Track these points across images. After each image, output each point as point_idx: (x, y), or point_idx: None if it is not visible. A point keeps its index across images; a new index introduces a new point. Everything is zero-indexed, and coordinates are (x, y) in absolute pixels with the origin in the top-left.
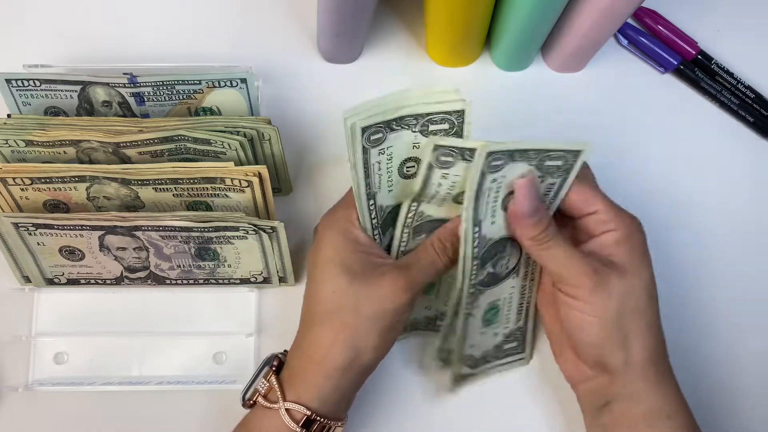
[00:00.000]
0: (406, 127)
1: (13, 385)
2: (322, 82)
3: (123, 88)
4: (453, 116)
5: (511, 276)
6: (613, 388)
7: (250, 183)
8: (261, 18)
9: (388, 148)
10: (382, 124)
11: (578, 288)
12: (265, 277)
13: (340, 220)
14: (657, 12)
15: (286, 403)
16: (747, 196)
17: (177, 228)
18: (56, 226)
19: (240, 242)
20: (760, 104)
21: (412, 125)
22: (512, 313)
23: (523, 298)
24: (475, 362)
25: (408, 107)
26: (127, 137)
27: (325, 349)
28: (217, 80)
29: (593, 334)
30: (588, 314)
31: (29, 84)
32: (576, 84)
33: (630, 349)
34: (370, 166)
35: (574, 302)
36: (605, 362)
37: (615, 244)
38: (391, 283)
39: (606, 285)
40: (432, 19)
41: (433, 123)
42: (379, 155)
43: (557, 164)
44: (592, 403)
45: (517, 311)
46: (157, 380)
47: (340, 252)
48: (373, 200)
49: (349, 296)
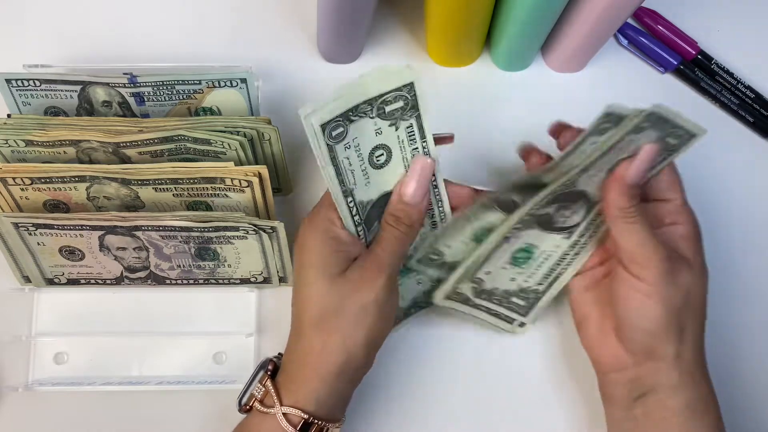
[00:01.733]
0: (363, 115)
1: (13, 385)
2: (322, 82)
3: (123, 88)
4: (404, 91)
5: (562, 234)
6: (655, 378)
7: (250, 183)
8: (261, 18)
9: (354, 140)
10: (340, 117)
11: (649, 270)
12: (265, 277)
13: (320, 221)
14: (657, 12)
15: (283, 408)
16: (747, 196)
17: (177, 228)
18: (56, 226)
19: (240, 242)
20: (760, 104)
21: (368, 111)
22: (541, 271)
23: (558, 264)
24: (480, 291)
25: (361, 94)
26: (127, 137)
27: (317, 354)
28: (217, 80)
29: (653, 320)
30: (652, 299)
31: (29, 84)
32: (576, 84)
33: (684, 342)
34: (339, 162)
35: (640, 284)
36: (656, 351)
37: (683, 239)
38: (362, 271)
39: (677, 274)
40: (432, 19)
41: (387, 104)
42: (345, 150)
43: (674, 143)
44: (625, 393)
45: (546, 273)
46: (157, 380)
47: (321, 254)
48: (351, 197)
49: (332, 298)
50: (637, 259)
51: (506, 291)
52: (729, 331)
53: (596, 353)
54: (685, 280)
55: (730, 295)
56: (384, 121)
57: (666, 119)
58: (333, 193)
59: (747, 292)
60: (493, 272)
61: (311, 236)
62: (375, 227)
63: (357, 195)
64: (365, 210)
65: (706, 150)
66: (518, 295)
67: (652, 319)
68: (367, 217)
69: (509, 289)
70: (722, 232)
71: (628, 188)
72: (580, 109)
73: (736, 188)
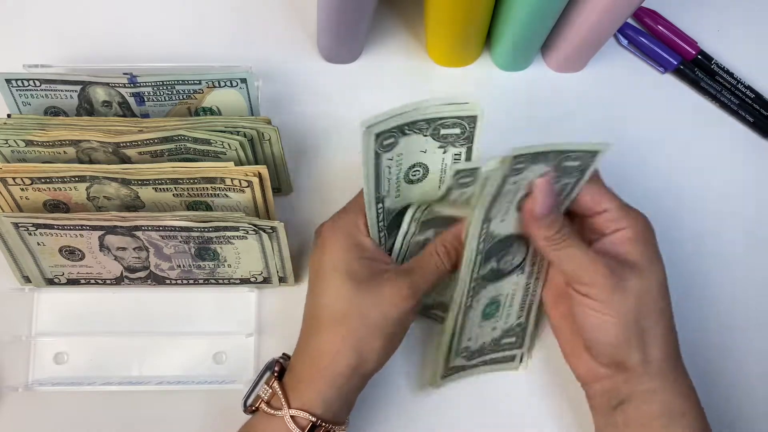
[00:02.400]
0: (417, 131)
1: (13, 385)
2: (322, 82)
3: (123, 88)
4: (465, 121)
5: (515, 273)
6: (629, 386)
7: (250, 183)
8: (261, 18)
9: (398, 154)
10: (396, 129)
11: (595, 288)
12: (265, 277)
13: (346, 226)
14: (657, 12)
15: (291, 410)
16: (747, 196)
17: (177, 228)
18: (56, 226)
19: (240, 242)
20: (760, 104)
21: (423, 129)
22: (514, 309)
23: (526, 295)
24: (471, 354)
25: (422, 113)
26: (127, 137)
27: (331, 356)
28: (217, 80)
29: (611, 334)
30: (606, 314)
31: (29, 84)
32: (576, 84)
33: (648, 347)
34: (382, 170)
35: (591, 302)
36: (622, 361)
37: (628, 243)
38: (394, 290)
39: (624, 285)
40: (432, 19)
41: (444, 127)
42: (389, 160)
43: (575, 164)
44: (605, 402)
45: (519, 308)
46: (157, 380)
47: (346, 258)
48: (381, 204)
49: (355, 303)
50: (580, 279)
51: (494, 340)
52: (729, 330)
53: (574, 366)
54: (635, 286)
55: (731, 295)
56: (435, 141)
57: (539, 154)
58: (367, 196)
59: (748, 291)
60: (473, 335)
61: (335, 240)
62: (394, 234)
63: (386, 203)
64: (390, 218)
65: (707, 150)
66: (506, 336)
67: (609, 334)
68: (389, 224)
69: (495, 337)
70: (722, 232)
71: (544, 220)
72: (580, 109)
73: (736, 188)
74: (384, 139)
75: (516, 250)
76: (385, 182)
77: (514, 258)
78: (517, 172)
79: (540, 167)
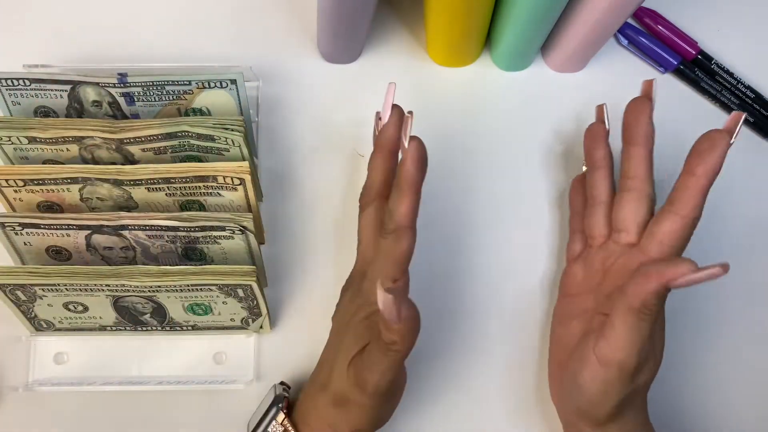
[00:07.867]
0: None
1: (13, 385)
2: (322, 82)
3: (113, 88)
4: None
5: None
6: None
7: (242, 180)
8: (261, 18)
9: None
10: None
11: (612, 365)
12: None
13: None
14: (657, 12)
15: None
16: (747, 196)
17: (163, 227)
18: (43, 225)
19: (226, 242)
20: (760, 104)
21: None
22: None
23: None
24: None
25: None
26: (130, 133)
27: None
28: (207, 81)
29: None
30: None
31: (19, 83)
32: (576, 84)
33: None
34: None
35: (597, 371)
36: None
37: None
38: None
39: (637, 374)
40: (432, 19)
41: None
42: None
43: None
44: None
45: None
46: (157, 380)
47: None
48: None
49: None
50: (606, 357)
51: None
52: (730, 331)
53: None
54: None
55: (730, 295)
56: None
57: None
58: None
59: (749, 291)
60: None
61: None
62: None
63: None
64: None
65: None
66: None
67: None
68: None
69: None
70: (722, 232)
71: (664, 289)
72: (580, 109)
73: (736, 188)
74: None
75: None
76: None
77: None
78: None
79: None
